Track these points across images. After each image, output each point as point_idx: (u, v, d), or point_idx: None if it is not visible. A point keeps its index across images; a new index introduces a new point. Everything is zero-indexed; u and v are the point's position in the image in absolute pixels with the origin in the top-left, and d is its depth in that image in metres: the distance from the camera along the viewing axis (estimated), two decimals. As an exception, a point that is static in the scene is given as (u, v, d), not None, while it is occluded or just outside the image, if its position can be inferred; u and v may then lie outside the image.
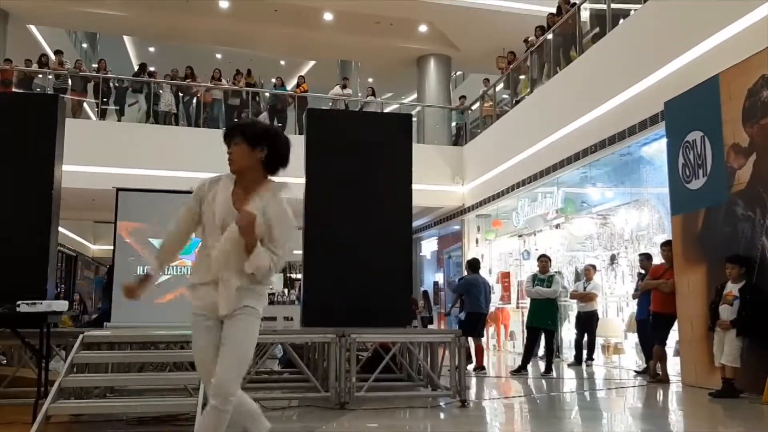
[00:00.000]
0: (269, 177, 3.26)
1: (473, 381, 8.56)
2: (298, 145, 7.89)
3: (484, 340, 11.10)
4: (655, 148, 9.57)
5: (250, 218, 2.98)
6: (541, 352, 10.31)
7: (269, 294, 12.94)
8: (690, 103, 7.85)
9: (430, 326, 15.27)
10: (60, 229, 7.25)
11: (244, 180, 3.18)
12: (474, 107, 16.88)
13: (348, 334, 6.26)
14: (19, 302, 5.20)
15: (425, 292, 16.75)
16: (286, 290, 18.12)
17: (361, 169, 7.07)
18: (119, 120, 14.87)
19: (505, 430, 5.82)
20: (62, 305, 5.52)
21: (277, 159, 3.24)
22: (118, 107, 15.00)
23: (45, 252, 6.38)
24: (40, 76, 14.96)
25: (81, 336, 5.60)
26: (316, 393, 6.33)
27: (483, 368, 9.80)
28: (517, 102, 13.92)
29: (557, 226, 12.75)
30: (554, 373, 9.34)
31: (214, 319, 3.09)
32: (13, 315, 5.19)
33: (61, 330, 6.00)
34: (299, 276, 17.19)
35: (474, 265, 10.47)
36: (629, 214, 11.12)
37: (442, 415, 6.11)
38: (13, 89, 14.14)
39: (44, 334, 5.25)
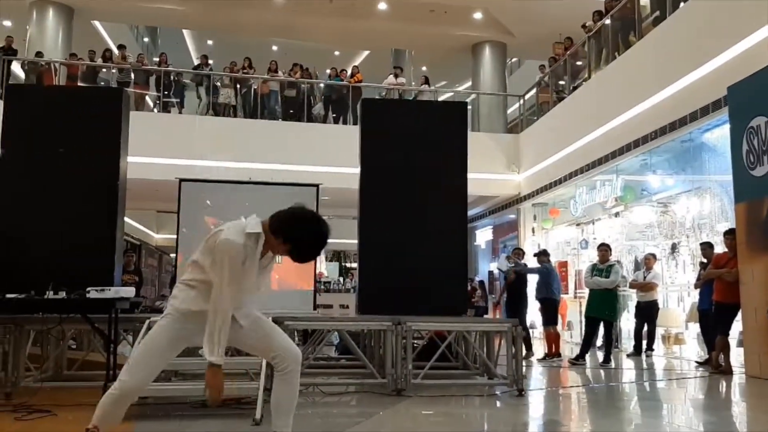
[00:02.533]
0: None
1: (532, 370, 8.52)
2: (353, 135, 8.02)
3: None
4: (718, 134, 9.30)
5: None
6: (599, 342, 10.20)
7: (325, 282, 13.16)
8: (754, 88, 7.60)
9: (484, 316, 15.23)
10: (125, 218, 7.50)
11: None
12: (530, 95, 16.67)
13: (404, 322, 6.33)
14: (89, 288, 5.43)
15: (481, 282, 16.71)
16: (341, 279, 18.35)
17: (416, 158, 7.10)
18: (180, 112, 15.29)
19: (562, 420, 5.78)
20: (129, 291, 5.74)
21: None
22: (178, 100, 15.42)
23: (112, 241, 6.62)
24: (105, 70, 15.45)
25: (147, 321, 5.81)
26: (373, 379, 6.42)
27: (559, 355, 9.96)
28: (575, 88, 13.69)
29: (616, 214, 12.53)
30: (613, 364, 9.22)
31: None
32: (83, 301, 5.43)
33: (128, 315, 6.23)
34: (354, 265, 17.34)
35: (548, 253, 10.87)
36: (691, 202, 10.84)
37: (498, 404, 6.12)
38: (79, 83, 14.67)
39: (112, 319, 5.48)
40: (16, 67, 14.93)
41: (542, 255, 10.65)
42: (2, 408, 5.25)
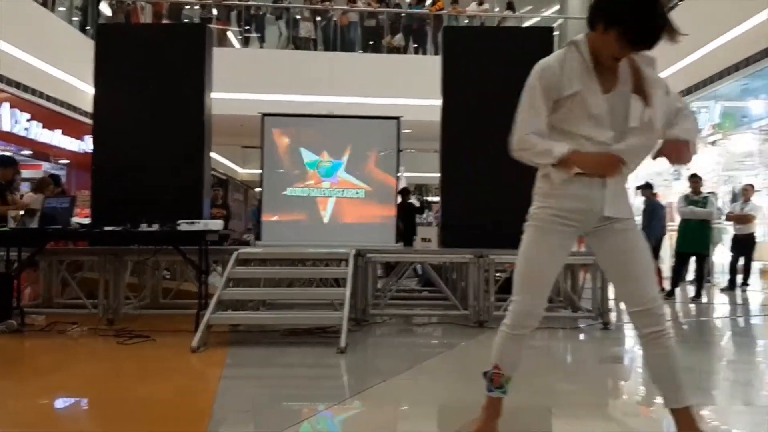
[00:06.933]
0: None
1: (618, 304, 8.34)
2: (434, 65, 7.83)
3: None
4: (832, 54, 8.58)
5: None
6: (690, 276, 9.87)
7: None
8: None
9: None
10: (211, 154, 7.68)
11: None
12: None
13: (486, 254, 6.28)
14: (179, 221, 5.63)
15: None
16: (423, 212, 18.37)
17: (500, 87, 6.81)
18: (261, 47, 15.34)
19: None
20: (218, 224, 5.92)
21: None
22: (259, 35, 15.44)
23: (200, 175, 6.81)
24: (188, 6, 15.60)
25: (235, 253, 6.00)
26: (456, 311, 6.46)
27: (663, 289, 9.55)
28: (671, 9, 12.85)
29: (713, 143, 11.90)
30: (705, 298, 8.92)
31: (576, 226, 2.56)
32: (174, 233, 5.64)
33: (218, 247, 6.44)
34: (436, 198, 17.31)
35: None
36: (797, 129, 10.16)
37: (582, 337, 6.04)
38: (164, 21, 14.89)
39: (202, 251, 5.68)
40: (104, 7, 15.27)
41: (647, 188, 10.17)
42: (105, 333, 5.60)
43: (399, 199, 12.38)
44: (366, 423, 3.37)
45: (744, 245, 10.06)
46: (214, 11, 15.39)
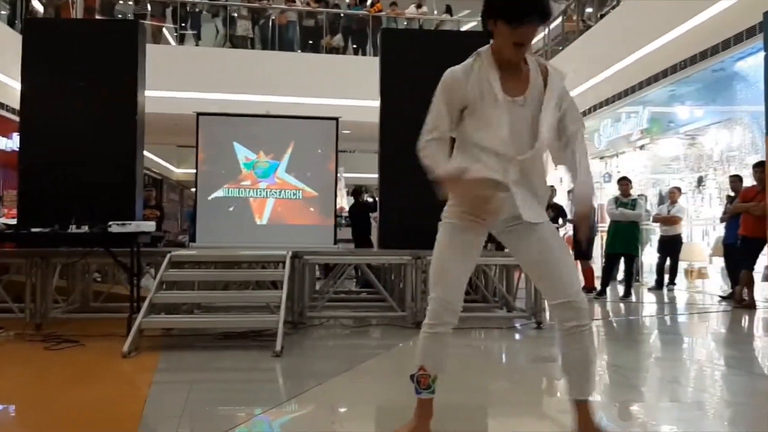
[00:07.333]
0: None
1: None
2: (373, 66, 7.85)
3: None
4: (751, 63, 8.96)
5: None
6: (620, 276, 10.17)
7: (346, 217, 13.16)
8: (793, 13, 7.27)
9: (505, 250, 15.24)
10: (145, 153, 7.49)
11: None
12: (555, 24, 16.14)
13: (423, 256, 6.32)
14: (110, 223, 5.47)
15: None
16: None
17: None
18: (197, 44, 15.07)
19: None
20: (150, 226, 5.78)
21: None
22: (195, 32, 15.16)
23: (132, 176, 6.63)
24: (122, 1, 15.20)
25: (168, 255, 5.86)
26: (393, 312, 6.48)
27: (594, 289, 9.66)
28: (602, 16, 13.24)
29: (641, 147, 12.30)
30: (633, 297, 9.21)
31: (486, 228, 2.67)
32: (104, 235, 5.48)
33: (150, 249, 6.29)
34: (375, 199, 17.33)
35: None
36: (720, 134, 10.59)
37: (517, 336, 6.15)
38: (97, 16, 14.47)
39: (134, 253, 5.53)
40: (34, 2, 14.72)
41: None
42: (32, 338, 5.41)
43: (352, 200, 12.37)
44: (303, 426, 3.35)
45: (670, 246, 10.41)
46: (149, 7, 15.04)
